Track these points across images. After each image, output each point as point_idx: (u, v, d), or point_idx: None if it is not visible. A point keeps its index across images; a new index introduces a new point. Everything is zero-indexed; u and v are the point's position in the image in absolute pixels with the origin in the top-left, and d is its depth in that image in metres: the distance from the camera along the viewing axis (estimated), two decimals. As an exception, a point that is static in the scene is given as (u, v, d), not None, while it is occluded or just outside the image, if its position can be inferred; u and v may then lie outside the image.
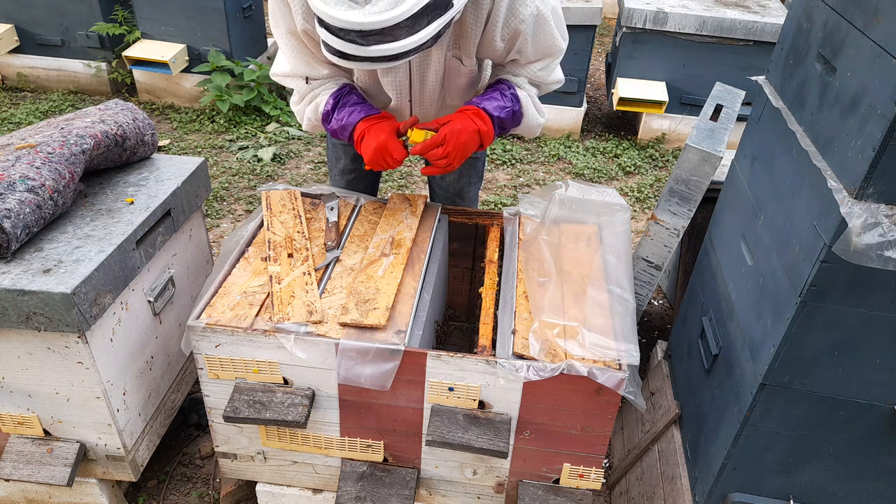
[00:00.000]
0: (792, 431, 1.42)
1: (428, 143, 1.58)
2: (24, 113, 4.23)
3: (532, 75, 1.70)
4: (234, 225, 3.36)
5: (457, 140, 1.57)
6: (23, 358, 1.54)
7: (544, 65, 1.69)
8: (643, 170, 4.07)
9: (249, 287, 1.56)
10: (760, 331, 1.42)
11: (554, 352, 1.42)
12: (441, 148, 1.58)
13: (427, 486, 1.67)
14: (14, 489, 1.83)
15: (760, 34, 3.87)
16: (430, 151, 1.58)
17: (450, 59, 1.63)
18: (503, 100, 1.65)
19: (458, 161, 1.61)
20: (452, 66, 1.65)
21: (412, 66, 1.63)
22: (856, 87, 1.20)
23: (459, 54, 1.62)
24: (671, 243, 2.08)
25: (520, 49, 1.61)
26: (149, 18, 4.25)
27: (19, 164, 1.53)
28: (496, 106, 1.63)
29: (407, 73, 1.64)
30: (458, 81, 1.71)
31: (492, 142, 1.65)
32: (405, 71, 1.64)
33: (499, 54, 1.63)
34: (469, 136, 1.59)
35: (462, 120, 1.59)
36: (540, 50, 1.63)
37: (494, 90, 1.67)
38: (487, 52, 1.63)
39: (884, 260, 1.13)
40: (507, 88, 1.67)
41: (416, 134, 1.60)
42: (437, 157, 1.59)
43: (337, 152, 2.09)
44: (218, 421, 1.61)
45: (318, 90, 1.70)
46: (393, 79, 1.65)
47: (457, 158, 1.60)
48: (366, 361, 1.43)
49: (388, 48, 1.29)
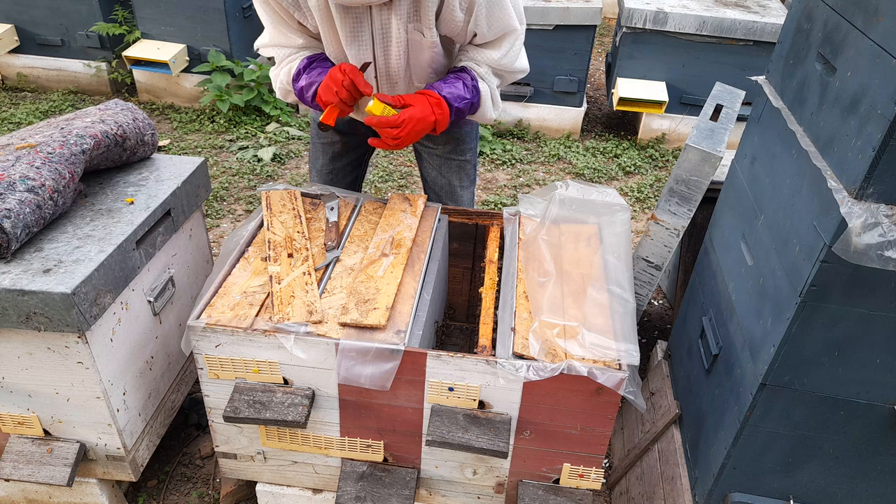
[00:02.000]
0: (792, 431, 1.42)
1: (384, 121, 1.60)
2: (24, 113, 4.23)
3: (495, 63, 1.72)
4: (234, 225, 3.36)
5: (413, 127, 1.61)
6: (23, 358, 1.54)
7: (504, 51, 1.71)
8: (643, 170, 4.07)
9: (249, 287, 1.56)
10: (760, 331, 1.42)
11: (554, 352, 1.42)
12: (396, 129, 1.61)
13: (427, 486, 1.67)
14: (14, 489, 1.83)
15: (760, 34, 3.87)
16: (384, 129, 1.61)
17: (411, 31, 1.64)
18: (465, 91, 1.68)
19: (405, 144, 1.66)
20: (414, 39, 1.66)
21: (375, 38, 1.65)
22: (856, 87, 1.20)
23: (420, 27, 1.63)
24: (671, 243, 2.08)
25: (475, 22, 1.62)
26: (149, 18, 4.25)
27: (19, 164, 1.53)
28: (457, 96, 1.67)
29: (370, 46, 1.66)
30: (421, 58, 1.72)
31: (444, 129, 1.69)
32: (368, 42, 1.66)
33: (459, 28, 1.65)
34: (425, 125, 1.63)
35: (422, 108, 1.62)
36: (496, 26, 1.65)
37: (458, 79, 1.70)
38: (448, 25, 1.64)
39: (884, 260, 1.13)
40: (470, 80, 1.70)
41: (376, 105, 1.61)
42: (390, 136, 1.62)
43: (315, 151, 2.12)
44: (218, 421, 1.61)
45: (294, 56, 1.75)
46: (358, 50, 1.67)
47: (405, 142, 1.65)
48: (366, 361, 1.43)
49: None
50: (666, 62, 4.08)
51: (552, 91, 4.25)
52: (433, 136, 1.98)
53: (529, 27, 4.00)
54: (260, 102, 4.27)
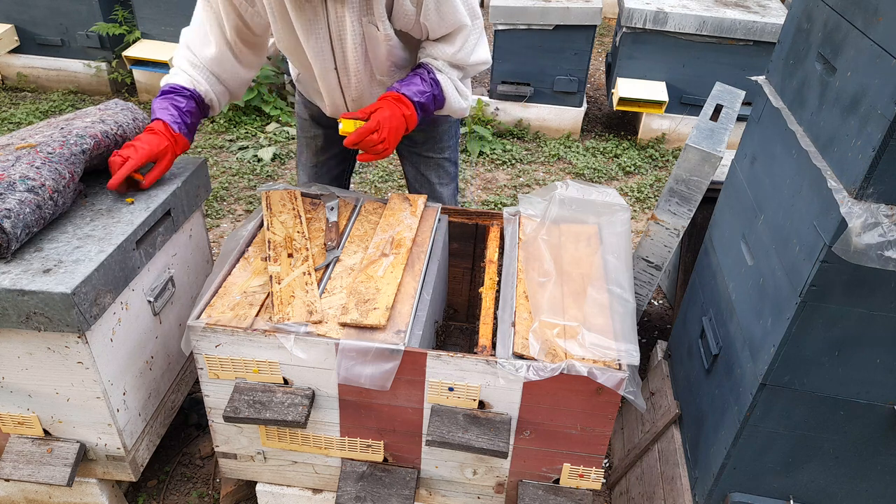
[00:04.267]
0: (792, 431, 1.42)
1: (363, 130, 1.60)
2: (24, 113, 4.23)
3: (450, 58, 1.73)
4: (234, 225, 3.36)
5: (390, 125, 1.62)
6: (23, 358, 1.54)
7: (458, 46, 1.72)
8: (643, 170, 4.07)
9: (249, 287, 1.56)
10: (760, 331, 1.42)
11: (554, 352, 1.42)
12: (376, 134, 1.61)
13: (427, 486, 1.67)
14: (14, 489, 1.83)
15: (760, 34, 3.87)
16: (366, 138, 1.61)
17: (365, 24, 1.65)
18: (423, 84, 1.69)
19: (392, 145, 1.66)
20: (369, 32, 1.67)
21: (332, 31, 1.65)
22: (856, 87, 1.20)
23: (374, 20, 1.64)
24: (671, 243, 2.08)
25: (426, 17, 1.64)
26: (149, 18, 4.25)
27: (19, 164, 1.53)
28: (416, 91, 1.68)
29: (328, 38, 1.67)
30: (378, 51, 1.72)
31: (416, 125, 1.70)
32: (325, 35, 1.66)
33: (412, 22, 1.66)
34: (398, 120, 1.64)
35: (389, 106, 1.64)
36: (446, 22, 1.67)
37: (415, 75, 1.71)
38: (401, 19, 1.66)
39: (884, 260, 1.13)
40: (426, 73, 1.72)
41: (347, 124, 1.62)
42: (374, 142, 1.62)
43: (300, 146, 2.16)
44: (218, 421, 1.61)
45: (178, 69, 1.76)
46: (315, 44, 1.68)
47: (391, 143, 1.65)
48: (366, 361, 1.43)
49: None
50: (666, 62, 4.08)
51: (552, 91, 4.25)
52: (411, 134, 2.00)
53: (530, 27, 4.00)
54: (260, 102, 4.27)
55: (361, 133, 1.60)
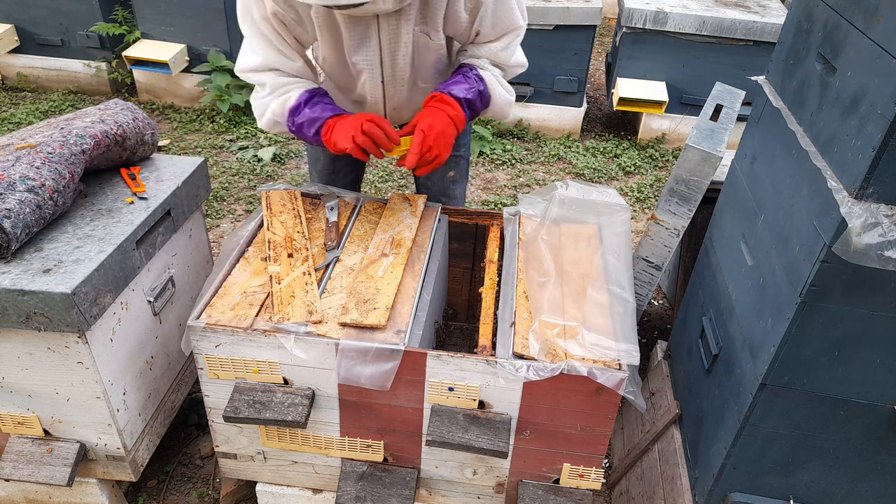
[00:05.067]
0: (792, 431, 1.42)
1: (414, 148, 1.58)
2: (24, 113, 4.23)
3: (493, 56, 1.72)
4: (234, 225, 3.36)
5: (434, 132, 1.59)
6: (23, 358, 1.54)
7: (505, 44, 1.70)
8: (643, 170, 4.07)
9: (249, 287, 1.56)
10: (760, 331, 1.42)
11: (554, 352, 1.42)
12: (424, 145, 1.59)
13: (427, 486, 1.67)
14: (14, 489, 1.83)
15: (760, 34, 3.87)
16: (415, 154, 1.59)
17: (418, 34, 1.64)
18: (466, 82, 1.67)
19: (444, 151, 1.63)
20: (421, 41, 1.66)
21: (382, 43, 1.64)
22: (856, 87, 1.20)
23: (427, 29, 1.64)
24: (671, 243, 2.08)
25: (480, 22, 1.62)
26: (149, 18, 4.24)
27: (19, 164, 1.53)
28: (461, 88, 1.66)
29: (377, 51, 1.66)
30: (426, 59, 1.72)
31: (465, 125, 1.67)
32: (376, 48, 1.65)
33: (463, 28, 1.65)
34: (443, 123, 1.61)
35: (430, 112, 1.61)
36: (500, 25, 1.65)
37: (457, 74, 1.70)
38: (453, 25, 1.65)
39: (884, 260, 1.13)
40: (469, 70, 1.70)
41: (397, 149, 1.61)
42: (422, 152, 1.60)
43: (316, 153, 2.11)
44: (218, 421, 1.60)
45: (289, 87, 1.69)
46: (364, 56, 1.67)
47: (442, 149, 1.62)
48: (366, 361, 1.43)
49: None
50: (666, 62, 4.08)
51: (552, 91, 4.25)
52: None
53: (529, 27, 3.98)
54: (260, 102, 4.27)
55: (414, 151, 1.58)
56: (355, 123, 1.58)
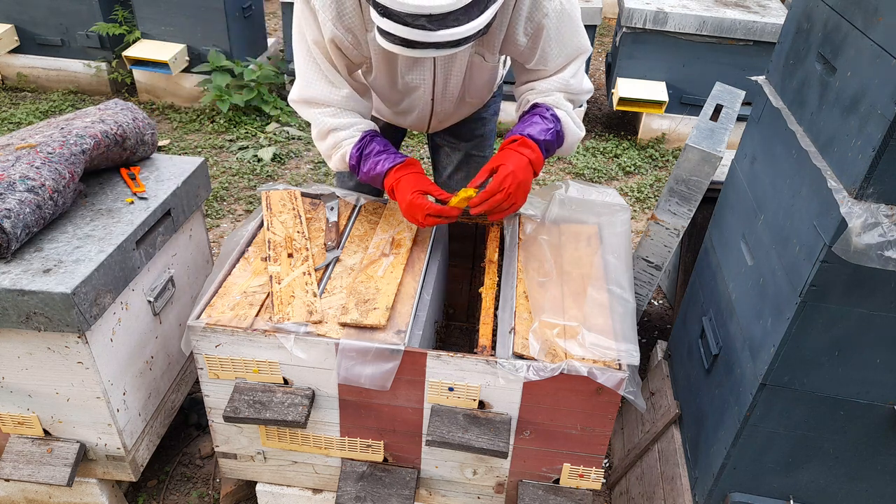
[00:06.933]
0: (792, 431, 1.42)
1: (491, 199, 1.55)
2: (24, 113, 4.23)
3: (565, 87, 1.66)
4: (234, 225, 3.36)
5: (514, 181, 1.55)
6: (23, 358, 1.54)
7: (574, 71, 1.65)
8: (643, 170, 4.07)
9: (249, 287, 1.56)
10: (760, 331, 1.42)
11: (554, 352, 1.42)
12: (501, 193, 1.55)
13: (427, 486, 1.67)
14: (14, 489, 1.83)
15: (760, 34, 3.87)
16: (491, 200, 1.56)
17: (473, 55, 1.64)
18: (545, 122, 1.62)
19: (520, 199, 1.59)
20: (475, 62, 1.66)
21: (437, 64, 1.63)
22: (856, 87, 1.20)
23: (482, 51, 1.63)
24: (671, 243, 2.08)
25: (544, 49, 1.58)
26: (149, 18, 4.25)
27: (19, 164, 1.53)
28: (540, 130, 1.61)
29: (431, 71, 1.65)
30: (479, 78, 1.73)
31: (542, 167, 1.63)
32: (430, 68, 1.64)
33: (521, 51, 1.62)
34: (524, 171, 1.56)
35: (512, 159, 1.56)
36: (565, 50, 1.61)
37: (534, 114, 1.64)
38: (511, 48, 1.63)
39: (884, 260, 1.13)
40: (545, 111, 1.64)
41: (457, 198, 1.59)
42: (499, 201, 1.56)
43: None
44: (218, 421, 1.61)
45: (341, 141, 1.67)
46: (419, 75, 1.66)
47: (519, 198, 1.58)
48: (366, 361, 1.43)
49: (453, 32, 1.30)
50: (666, 62, 4.08)
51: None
52: (458, 133, 1.99)
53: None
54: (260, 102, 4.27)
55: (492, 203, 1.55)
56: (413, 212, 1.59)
